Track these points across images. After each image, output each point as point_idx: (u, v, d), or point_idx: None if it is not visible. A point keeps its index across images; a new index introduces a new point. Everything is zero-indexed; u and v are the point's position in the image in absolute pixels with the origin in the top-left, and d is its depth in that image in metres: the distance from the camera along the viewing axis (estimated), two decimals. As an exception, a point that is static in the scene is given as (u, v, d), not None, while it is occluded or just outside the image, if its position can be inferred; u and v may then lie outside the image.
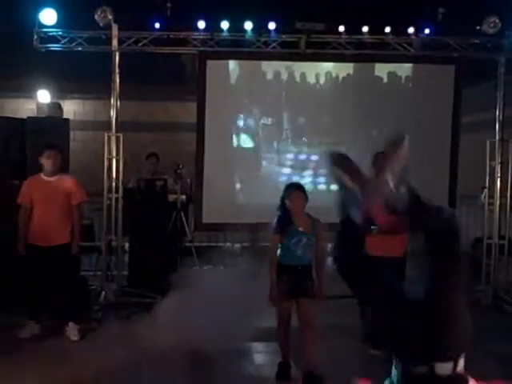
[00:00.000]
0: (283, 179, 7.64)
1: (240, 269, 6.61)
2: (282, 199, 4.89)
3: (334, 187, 8.06)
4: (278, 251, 4.90)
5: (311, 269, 4.93)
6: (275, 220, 4.92)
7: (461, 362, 2.62)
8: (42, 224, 5.78)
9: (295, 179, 7.66)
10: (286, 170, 8.04)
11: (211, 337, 5.75)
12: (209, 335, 5.72)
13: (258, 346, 5.65)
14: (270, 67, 8.03)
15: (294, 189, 4.89)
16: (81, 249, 6.35)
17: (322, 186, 8.09)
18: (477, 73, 8.64)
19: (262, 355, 5.55)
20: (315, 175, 8.09)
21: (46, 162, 5.87)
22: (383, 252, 4.88)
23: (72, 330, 5.89)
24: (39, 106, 8.50)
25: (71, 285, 5.98)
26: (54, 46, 7.58)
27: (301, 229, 4.84)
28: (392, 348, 2.78)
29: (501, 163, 7.83)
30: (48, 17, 7.36)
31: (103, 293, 7.32)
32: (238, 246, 9.12)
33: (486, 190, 7.89)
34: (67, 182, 6.00)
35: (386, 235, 5.22)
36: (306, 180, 7.97)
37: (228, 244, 9.57)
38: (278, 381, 5.00)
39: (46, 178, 5.91)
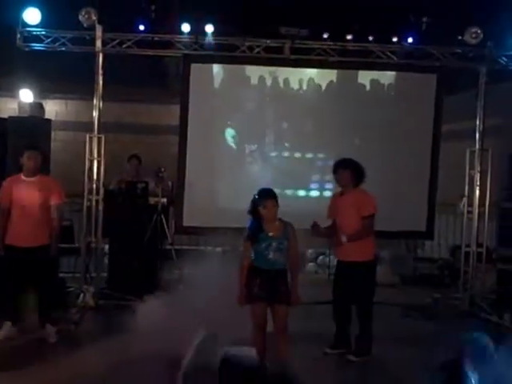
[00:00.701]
0: (265, 183, 7.65)
1: (219, 272, 6.65)
2: (254, 203, 4.91)
3: (314, 193, 8.20)
4: (252, 256, 4.93)
5: (286, 274, 4.94)
6: (247, 226, 4.96)
7: None
8: (20, 225, 5.72)
9: (277, 184, 7.69)
10: (269, 174, 8.05)
11: (188, 340, 5.76)
12: (186, 338, 5.72)
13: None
14: (254, 72, 8.05)
15: (268, 198, 4.90)
16: (60, 250, 6.29)
17: (302, 192, 8.15)
18: (458, 82, 8.75)
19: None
20: (297, 180, 8.14)
21: (27, 162, 5.81)
22: None
23: (49, 332, 5.84)
24: (21, 106, 8.43)
25: (49, 287, 5.93)
26: (38, 46, 7.55)
27: (271, 234, 4.89)
28: None
29: (480, 172, 7.92)
30: (32, 16, 7.33)
31: (82, 295, 7.27)
32: (219, 249, 9.11)
33: (465, 199, 7.97)
34: (47, 182, 5.95)
35: None
36: (289, 184, 8.01)
37: (209, 248, 9.55)
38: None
39: (26, 178, 5.85)
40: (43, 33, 7.49)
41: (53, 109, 11.22)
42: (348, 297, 5.69)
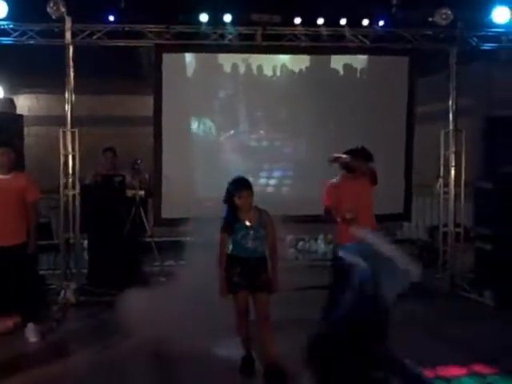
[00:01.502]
0: (241, 171, 7.64)
1: (200, 263, 6.64)
2: (228, 193, 4.90)
3: (288, 181, 8.21)
4: (230, 245, 4.93)
5: (265, 262, 4.95)
6: (222, 217, 4.95)
7: None
8: (-2, 223, 5.64)
9: (253, 172, 7.71)
10: (245, 162, 8.04)
11: (171, 334, 5.75)
12: (168, 332, 5.72)
13: (220, 341, 5.65)
14: (226, 60, 8.02)
15: (242, 187, 4.89)
16: (39, 247, 6.22)
17: (278, 180, 8.16)
18: (430, 64, 8.80)
19: (224, 350, 5.54)
20: (272, 167, 8.15)
21: (1, 159, 5.72)
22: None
23: (31, 331, 5.78)
24: (-9, 102, 8.29)
25: (29, 285, 5.86)
26: (5, 40, 7.40)
27: (247, 223, 4.89)
28: None
29: (455, 153, 7.99)
30: (-2, 9, 7.16)
31: (62, 292, 7.21)
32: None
33: (440, 180, 8.04)
34: (22, 179, 5.87)
35: None
36: (264, 172, 8.02)
37: (189, 239, 9.52)
38: (242, 375, 5.01)
39: (0, 176, 5.76)
40: (10, 26, 7.34)
41: (24, 104, 11.05)
42: None
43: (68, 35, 7.40)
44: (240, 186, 4.92)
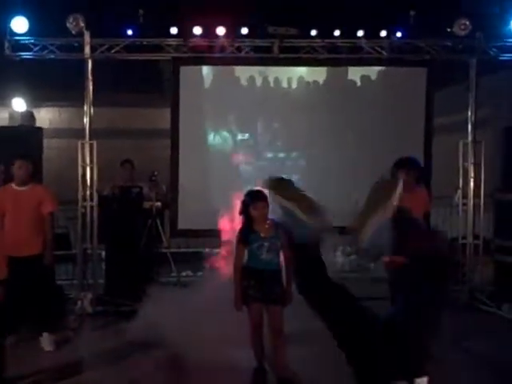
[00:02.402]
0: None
1: (217, 274, 6.64)
2: (244, 204, 4.93)
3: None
4: (245, 257, 4.94)
5: (280, 274, 4.94)
6: (239, 229, 4.99)
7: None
8: (13, 234, 5.69)
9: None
10: (262, 175, 8.02)
11: (187, 344, 5.76)
12: (184, 342, 5.72)
13: (233, 352, 5.63)
14: (243, 72, 8.06)
15: (257, 199, 4.91)
16: (56, 258, 6.29)
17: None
18: (449, 75, 8.74)
19: (237, 361, 5.52)
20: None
21: (18, 171, 5.82)
22: None
23: (46, 341, 5.83)
24: (12, 115, 8.44)
25: (45, 295, 5.92)
26: (26, 54, 7.55)
27: (262, 234, 4.91)
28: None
29: (474, 164, 7.91)
30: (19, 25, 7.34)
31: (79, 302, 7.27)
32: (217, 251, 9.10)
33: (459, 191, 7.96)
34: (39, 191, 5.95)
35: None
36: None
37: (207, 250, 9.55)
38: (254, 386, 4.99)
39: (17, 187, 5.86)
40: (31, 41, 7.50)
41: (46, 117, 11.23)
42: None
43: (87, 49, 7.52)
44: (255, 197, 4.94)
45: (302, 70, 8.19)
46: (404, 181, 5.47)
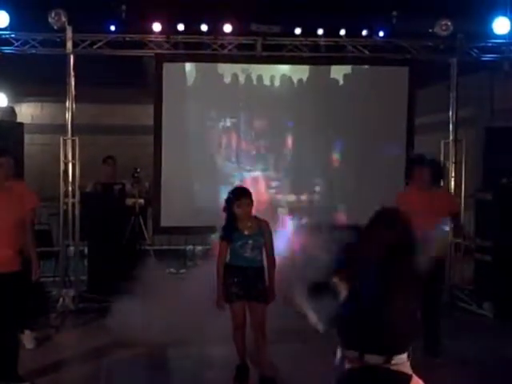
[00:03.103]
0: (240, 180, 7.68)
1: (199, 272, 6.65)
2: (228, 201, 4.94)
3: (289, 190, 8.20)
4: (228, 255, 4.95)
5: (263, 272, 4.96)
6: (221, 227, 4.99)
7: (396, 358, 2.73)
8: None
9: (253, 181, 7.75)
10: (244, 172, 8.06)
11: (169, 341, 5.77)
12: (166, 340, 5.73)
13: (215, 349, 5.65)
14: (226, 69, 8.05)
15: (242, 196, 4.92)
16: (38, 255, 6.22)
17: (275, 189, 8.16)
18: (431, 74, 8.81)
19: (219, 358, 5.55)
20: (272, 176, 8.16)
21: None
22: None
23: (27, 338, 5.79)
24: (-8, 111, 8.35)
25: (26, 293, 5.85)
26: (7, 49, 7.48)
27: (246, 232, 4.92)
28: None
29: (455, 163, 7.98)
30: (0, 19, 7.24)
31: (61, 299, 7.23)
32: (199, 248, 9.11)
33: (440, 190, 8.01)
34: (18, 187, 5.87)
35: None
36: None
37: (190, 247, 9.55)
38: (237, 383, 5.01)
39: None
40: (12, 35, 7.42)
41: (28, 112, 11.14)
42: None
43: (69, 45, 7.46)
44: (239, 194, 4.95)
45: (284, 68, 8.20)
46: (418, 178, 5.54)
